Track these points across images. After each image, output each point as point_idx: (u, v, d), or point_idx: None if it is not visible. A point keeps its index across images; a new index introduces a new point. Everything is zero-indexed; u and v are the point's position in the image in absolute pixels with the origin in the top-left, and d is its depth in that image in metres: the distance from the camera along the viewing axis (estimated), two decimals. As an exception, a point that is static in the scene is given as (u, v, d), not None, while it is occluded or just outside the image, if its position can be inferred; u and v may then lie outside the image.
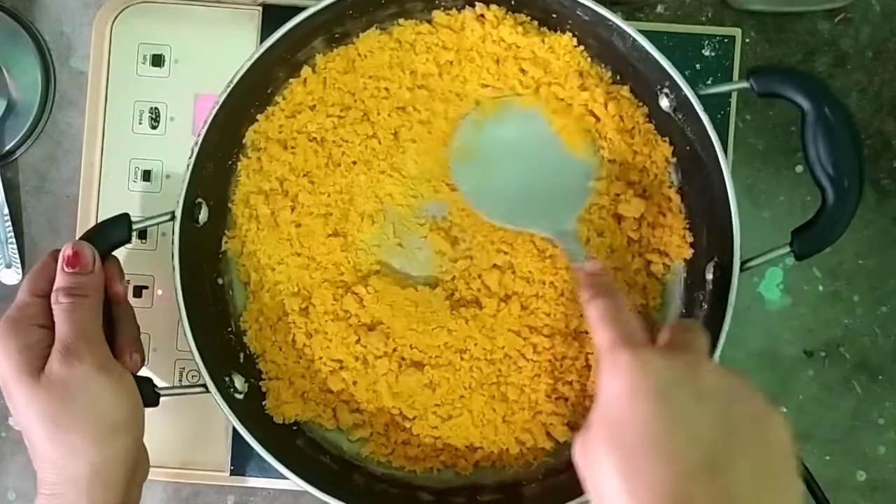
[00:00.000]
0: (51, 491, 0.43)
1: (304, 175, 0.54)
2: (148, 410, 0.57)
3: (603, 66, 0.54)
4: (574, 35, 0.53)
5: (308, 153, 0.54)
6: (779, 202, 0.59)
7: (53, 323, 0.45)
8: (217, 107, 0.49)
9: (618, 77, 0.54)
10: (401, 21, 0.54)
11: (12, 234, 0.58)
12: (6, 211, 0.58)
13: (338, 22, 0.53)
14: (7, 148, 0.59)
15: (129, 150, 0.58)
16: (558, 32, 0.54)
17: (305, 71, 0.54)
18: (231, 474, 0.57)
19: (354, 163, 0.54)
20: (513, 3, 0.53)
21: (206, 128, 0.49)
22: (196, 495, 0.59)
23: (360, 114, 0.54)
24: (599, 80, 0.54)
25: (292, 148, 0.54)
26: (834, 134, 0.46)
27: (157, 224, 0.49)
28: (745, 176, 0.58)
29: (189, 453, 0.57)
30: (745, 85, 0.48)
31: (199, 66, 0.58)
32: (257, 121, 0.54)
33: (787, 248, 0.48)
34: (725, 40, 0.57)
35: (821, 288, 0.59)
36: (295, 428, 0.54)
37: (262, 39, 0.57)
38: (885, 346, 0.59)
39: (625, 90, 0.54)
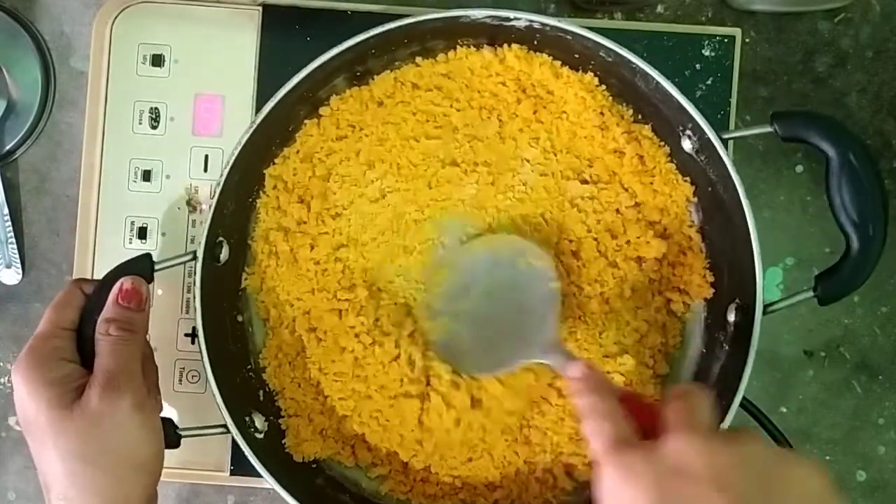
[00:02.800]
0: None
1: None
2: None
3: (624, 105, 0.54)
4: (596, 74, 0.53)
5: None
6: (779, 202, 0.59)
7: (80, 358, 0.45)
8: (239, 147, 0.49)
9: (639, 116, 0.54)
10: (418, 60, 0.54)
11: (12, 234, 0.58)
12: (6, 211, 0.58)
13: (360, 61, 0.52)
14: (7, 148, 0.59)
15: (129, 150, 0.58)
16: (580, 72, 0.53)
17: (324, 110, 0.54)
18: (231, 474, 0.57)
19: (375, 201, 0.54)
20: (535, 42, 0.53)
21: (227, 168, 0.49)
22: (196, 495, 0.59)
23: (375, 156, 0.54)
24: (620, 118, 0.54)
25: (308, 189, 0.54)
26: (859, 180, 0.46)
27: (180, 264, 0.49)
28: (745, 176, 0.58)
29: (189, 453, 0.57)
30: (768, 129, 0.47)
31: (199, 66, 0.58)
32: (275, 162, 0.54)
33: (811, 293, 0.48)
34: (725, 40, 0.57)
35: (821, 288, 0.59)
36: (314, 466, 0.54)
37: (263, 40, 0.57)
38: (885, 346, 0.59)
39: (646, 129, 0.54)
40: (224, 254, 0.52)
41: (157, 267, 0.48)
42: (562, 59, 0.53)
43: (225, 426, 0.48)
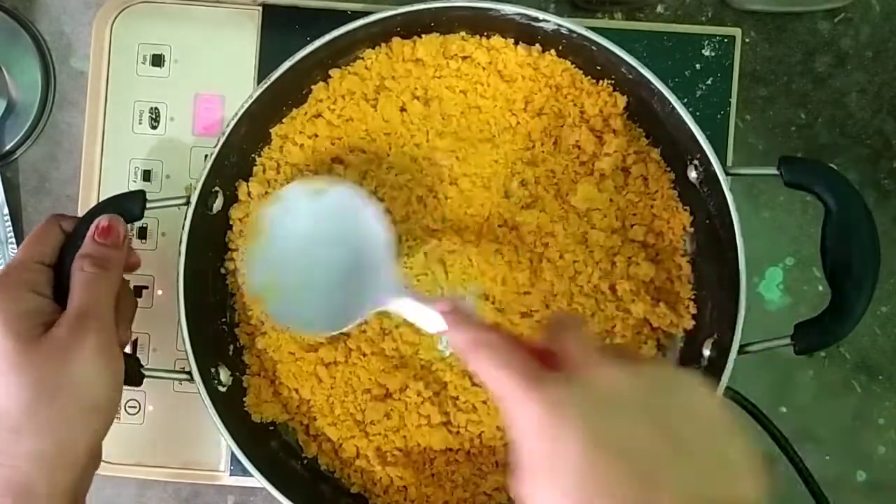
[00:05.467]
0: (8, 462, 0.41)
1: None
2: (150, 412, 0.57)
3: (637, 124, 0.54)
4: (615, 89, 0.53)
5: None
6: (778, 202, 0.59)
7: (52, 292, 0.45)
8: (250, 101, 0.49)
9: (650, 138, 0.54)
10: (463, 34, 0.53)
11: (12, 233, 0.58)
12: (6, 211, 0.58)
13: (384, 37, 0.53)
14: (7, 148, 0.59)
15: (129, 150, 0.58)
16: (598, 84, 0.53)
17: (334, 72, 0.54)
18: (231, 474, 0.57)
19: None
20: (560, 48, 0.53)
21: (235, 119, 0.49)
22: (196, 495, 0.59)
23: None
24: (631, 136, 0.54)
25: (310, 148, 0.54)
26: (856, 238, 0.46)
27: (172, 206, 0.49)
28: (745, 176, 0.58)
29: (189, 453, 0.57)
30: (774, 172, 0.47)
31: (199, 66, 0.58)
32: (283, 122, 0.54)
33: (789, 340, 0.48)
34: (725, 40, 0.57)
35: (821, 288, 0.59)
36: (271, 428, 0.54)
37: (263, 40, 0.57)
38: (885, 346, 0.59)
39: (655, 153, 0.54)
40: (218, 204, 0.52)
41: (149, 205, 0.48)
42: (583, 69, 0.53)
43: (189, 373, 0.48)
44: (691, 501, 0.31)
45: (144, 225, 0.58)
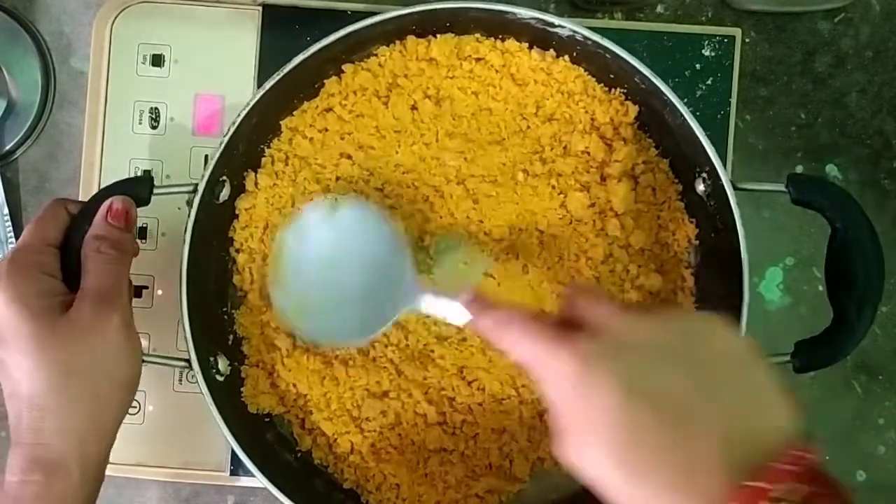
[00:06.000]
0: (35, 440, 0.42)
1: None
2: (150, 412, 0.57)
3: (647, 135, 0.54)
4: (627, 98, 0.53)
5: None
6: (779, 202, 0.59)
7: (62, 274, 0.45)
8: (262, 92, 0.49)
9: (659, 149, 0.54)
10: (478, 36, 0.54)
11: (12, 233, 0.58)
12: (6, 211, 0.58)
13: (399, 35, 0.53)
14: (7, 148, 0.59)
15: (129, 150, 0.58)
16: (611, 91, 0.53)
17: (347, 67, 0.54)
18: (231, 474, 0.57)
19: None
20: (574, 55, 0.53)
21: (246, 109, 0.49)
22: (196, 495, 0.59)
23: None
24: (641, 147, 0.54)
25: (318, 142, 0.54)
26: (860, 258, 0.45)
27: (179, 193, 0.49)
28: (745, 176, 0.58)
29: (189, 453, 0.57)
30: (782, 188, 0.47)
31: (199, 66, 0.58)
32: (294, 114, 0.54)
33: (788, 358, 0.48)
34: (725, 40, 0.57)
35: (820, 288, 0.59)
36: (267, 420, 0.54)
37: (263, 40, 0.57)
38: (885, 346, 0.59)
39: (664, 164, 0.54)
40: (224, 193, 0.52)
41: (156, 191, 0.48)
42: (595, 77, 0.53)
43: (188, 360, 0.48)
44: (727, 439, 0.31)
45: (144, 225, 0.58)
